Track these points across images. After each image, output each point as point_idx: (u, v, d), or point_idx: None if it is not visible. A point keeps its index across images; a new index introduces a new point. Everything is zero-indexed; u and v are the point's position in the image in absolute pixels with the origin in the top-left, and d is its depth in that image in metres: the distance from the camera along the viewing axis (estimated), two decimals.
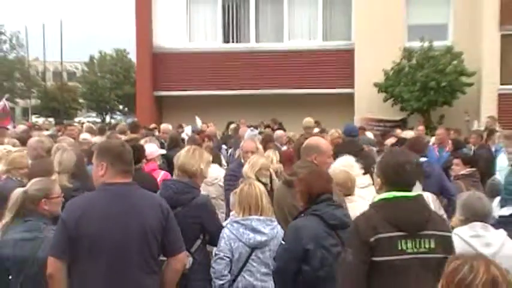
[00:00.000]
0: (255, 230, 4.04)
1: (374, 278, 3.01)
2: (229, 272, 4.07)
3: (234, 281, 4.07)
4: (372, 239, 3.00)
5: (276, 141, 8.59)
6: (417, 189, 4.66)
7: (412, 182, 3.18)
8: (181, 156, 4.46)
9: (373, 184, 4.42)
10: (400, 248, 3.00)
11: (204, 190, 5.78)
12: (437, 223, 3.13)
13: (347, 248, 3.14)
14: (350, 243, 3.15)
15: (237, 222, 4.13)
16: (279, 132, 9.68)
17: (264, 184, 4.77)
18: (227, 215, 5.34)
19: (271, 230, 4.07)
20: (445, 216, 4.72)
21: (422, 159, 6.01)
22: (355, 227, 3.16)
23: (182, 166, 4.40)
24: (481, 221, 3.88)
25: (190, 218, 4.01)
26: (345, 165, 4.94)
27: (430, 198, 4.66)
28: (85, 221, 3.14)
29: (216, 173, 6.47)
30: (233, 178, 5.72)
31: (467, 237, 3.82)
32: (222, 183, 6.32)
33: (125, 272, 3.16)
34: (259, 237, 4.02)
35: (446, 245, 3.08)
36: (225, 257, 4.06)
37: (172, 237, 3.33)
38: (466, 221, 3.91)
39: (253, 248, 4.05)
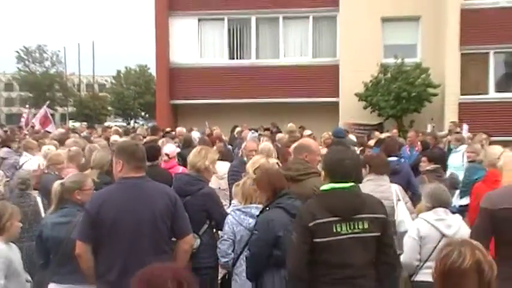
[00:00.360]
0: (253, 217, 4.00)
1: (317, 255, 3.07)
2: (232, 251, 4.05)
3: (237, 259, 4.05)
4: (311, 224, 3.04)
5: (277, 142, 8.61)
6: (385, 182, 4.73)
7: (350, 174, 3.19)
8: (191, 154, 4.51)
9: None
10: (335, 230, 3.05)
11: (215, 183, 5.83)
12: (372, 207, 3.16)
13: (293, 231, 3.20)
14: (295, 227, 3.21)
15: (239, 210, 4.12)
16: (280, 135, 9.68)
17: None
18: (230, 204, 5.35)
19: None
20: (409, 204, 4.74)
21: (393, 158, 6.03)
22: (299, 214, 3.23)
23: (191, 163, 4.45)
24: (443, 208, 3.93)
25: (196, 206, 4.01)
26: None
27: (397, 189, 4.70)
28: (104, 210, 3.16)
29: (226, 169, 6.46)
30: (236, 173, 5.71)
31: (432, 221, 3.87)
32: None
33: (138, 253, 3.14)
34: (251, 222, 3.98)
35: (380, 225, 3.12)
36: (228, 239, 4.05)
37: (180, 222, 3.32)
38: (432, 207, 3.95)
39: (253, 231, 3.99)
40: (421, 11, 15.65)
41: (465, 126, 11.75)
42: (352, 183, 3.20)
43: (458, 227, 3.83)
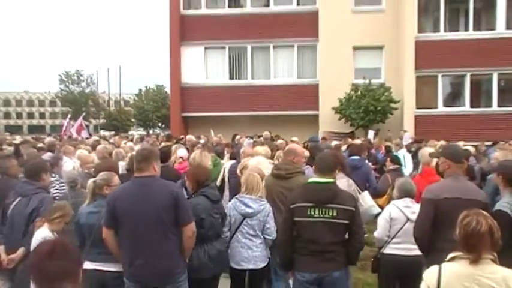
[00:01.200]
0: (246, 205, 3.96)
1: (296, 230, 3.35)
2: (229, 230, 4.00)
3: (231, 237, 4.01)
4: (292, 206, 3.32)
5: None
6: (348, 178, 4.68)
7: (326, 169, 3.37)
8: (196, 157, 4.53)
9: None
10: (309, 213, 3.26)
11: None
12: (343, 200, 3.28)
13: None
14: (284, 209, 3.48)
15: (237, 198, 4.08)
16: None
17: None
18: (230, 195, 5.29)
19: (258, 206, 3.97)
20: (354, 193, 4.66)
21: (356, 157, 6.00)
22: (288, 200, 3.49)
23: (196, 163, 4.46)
24: (410, 197, 4.04)
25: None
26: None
27: (351, 181, 4.76)
28: (119, 203, 3.18)
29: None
30: (233, 171, 5.69)
31: (401, 207, 3.98)
32: None
33: (146, 236, 3.13)
34: (248, 210, 3.95)
35: (347, 215, 3.25)
36: (227, 220, 4.02)
37: (182, 212, 3.21)
38: (400, 197, 4.06)
39: (244, 216, 3.96)
40: (384, 41, 15.75)
41: (407, 135, 11.68)
42: (328, 179, 3.32)
43: None
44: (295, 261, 3.36)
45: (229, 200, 4.48)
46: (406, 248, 3.79)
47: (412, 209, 3.90)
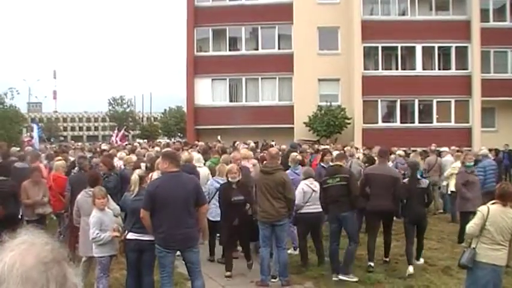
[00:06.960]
0: (218, 183, 4.75)
1: (324, 193, 4.43)
2: (208, 197, 4.56)
3: (209, 202, 4.51)
4: (322, 180, 4.50)
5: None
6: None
7: (336, 158, 4.67)
8: (184, 155, 5.14)
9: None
10: (328, 182, 4.39)
11: None
12: (343, 172, 4.39)
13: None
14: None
15: (212, 179, 4.93)
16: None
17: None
18: None
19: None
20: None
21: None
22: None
23: (187, 161, 5.03)
24: (312, 178, 4.91)
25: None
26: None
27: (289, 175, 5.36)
28: (159, 190, 3.20)
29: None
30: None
31: (308, 184, 4.79)
32: None
33: (178, 215, 3.18)
34: (218, 185, 4.72)
35: (346, 179, 4.33)
36: (206, 192, 4.48)
37: (200, 197, 3.34)
38: (305, 178, 4.88)
39: (216, 189, 4.66)
40: (340, 75, 16.00)
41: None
42: (337, 163, 4.51)
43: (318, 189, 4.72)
44: (328, 208, 4.37)
45: None
46: (314, 207, 4.61)
47: (314, 184, 4.70)
